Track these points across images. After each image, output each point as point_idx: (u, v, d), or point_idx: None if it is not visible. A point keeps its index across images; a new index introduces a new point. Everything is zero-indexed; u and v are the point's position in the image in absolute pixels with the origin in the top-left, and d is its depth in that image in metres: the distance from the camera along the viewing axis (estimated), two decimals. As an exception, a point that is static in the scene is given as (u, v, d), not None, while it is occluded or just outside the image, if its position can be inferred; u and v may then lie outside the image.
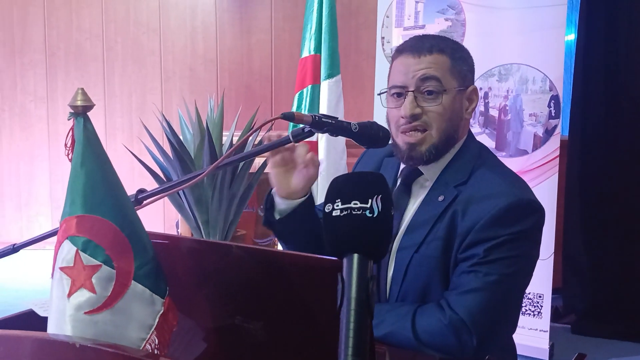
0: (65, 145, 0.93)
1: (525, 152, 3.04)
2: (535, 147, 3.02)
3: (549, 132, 2.99)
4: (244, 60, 4.93)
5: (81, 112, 0.90)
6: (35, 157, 4.92)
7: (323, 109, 3.15)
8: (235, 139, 3.38)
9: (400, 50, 1.37)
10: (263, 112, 3.74)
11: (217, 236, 3.22)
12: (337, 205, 0.81)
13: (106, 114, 4.86)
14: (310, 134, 1.16)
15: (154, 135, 3.37)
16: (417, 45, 1.35)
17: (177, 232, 3.93)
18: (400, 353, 1.21)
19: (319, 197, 3.10)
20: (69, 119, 0.90)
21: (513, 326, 1.34)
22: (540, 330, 2.96)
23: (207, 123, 3.20)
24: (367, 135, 1.21)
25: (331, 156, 3.14)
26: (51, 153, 4.88)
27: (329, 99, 3.15)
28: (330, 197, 0.82)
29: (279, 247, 3.32)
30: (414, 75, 1.32)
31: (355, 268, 0.79)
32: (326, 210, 0.82)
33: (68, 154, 0.93)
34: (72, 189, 0.91)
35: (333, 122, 1.16)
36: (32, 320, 1.12)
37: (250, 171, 3.25)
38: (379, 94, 1.41)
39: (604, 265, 3.41)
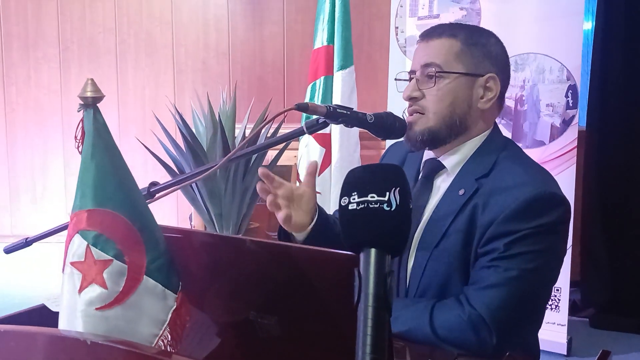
0: (75, 137, 0.91)
1: (542, 143, 2.99)
2: (553, 138, 2.97)
3: (566, 123, 2.94)
4: (256, 53, 4.90)
5: (91, 104, 0.88)
6: (50, 150, 4.94)
7: (336, 101, 3.11)
8: (248, 132, 3.36)
9: (419, 37, 1.37)
10: (276, 104, 3.70)
11: (231, 229, 3.21)
12: (354, 199, 0.78)
13: (119, 107, 4.87)
14: (325, 125, 1.14)
15: (167, 128, 3.36)
16: (430, 32, 1.35)
17: (191, 225, 3.93)
18: (418, 348, 1.19)
19: (333, 190, 3.09)
20: (78, 111, 0.89)
21: (537, 323, 1.30)
22: (558, 324, 2.92)
23: (219, 115, 3.18)
24: (383, 126, 1.19)
25: (344, 149, 3.11)
26: (65, 146, 4.90)
27: (342, 90, 3.11)
28: (346, 190, 0.80)
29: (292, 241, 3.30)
30: (420, 61, 1.33)
31: (373, 263, 0.76)
32: (342, 204, 0.79)
33: (78, 147, 0.91)
34: (82, 182, 0.89)
35: (348, 112, 1.14)
36: (44, 316, 1.11)
37: (263, 164, 3.23)
38: (395, 79, 1.40)
39: (623, 258, 3.35)
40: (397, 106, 3.35)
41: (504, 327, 1.18)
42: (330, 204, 3.08)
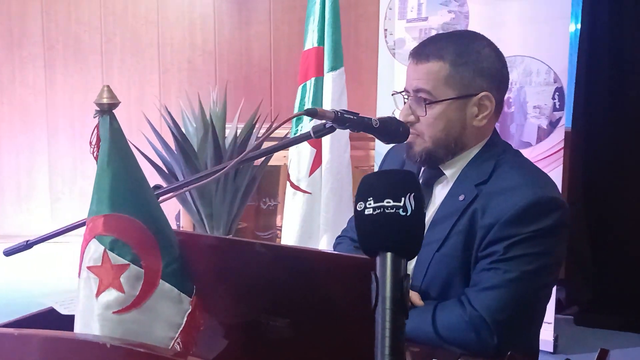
0: (90, 142, 0.92)
1: (529, 145, 3.03)
2: (539, 140, 3.02)
3: (553, 125, 2.99)
4: (243, 52, 4.90)
5: (107, 110, 0.89)
6: (35, 150, 4.88)
7: (327, 102, 3.13)
8: (239, 132, 3.37)
9: (410, 55, 1.37)
10: (262, 104, 3.73)
11: (221, 230, 3.22)
12: (370, 204, 0.80)
13: (105, 107, 4.84)
14: (332, 129, 1.16)
15: (153, 128, 3.36)
16: (419, 51, 1.35)
17: (177, 225, 3.92)
18: (421, 348, 1.21)
19: (324, 191, 3.11)
20: (94, 117, 0.89)
21: (538, 323, 1.34)
22: (544, 322, 2.95)
23: (210, 116, 3.19)
24: (388, 131, 1.21)
25: (335, 149, 3.12)
26: (50, 146, 4.85)
27: (332, 92, 3.12)
28: (362, 195, 0.81)
29: (281, 241, 3.32)
30: (411, 84, 1.34)
31: (389, 267, 0.79)
32: (358, 209, 0.81)
33: (93, 152, 0.92)
34: (98, 188, 0.90)
35: (355, 118, 1.16)
36: (53, 319, 1.11)
37: (254, 164, 3.24)
38: (393, 94, 1.41)
39: (606, 258, 3.42)
40: (386, 107, 3.38)
41: (504, 328, 1.21)
42: (321, 205, 3.10)
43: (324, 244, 3.05)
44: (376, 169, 3.27)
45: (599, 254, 3.44)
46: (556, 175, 2.96)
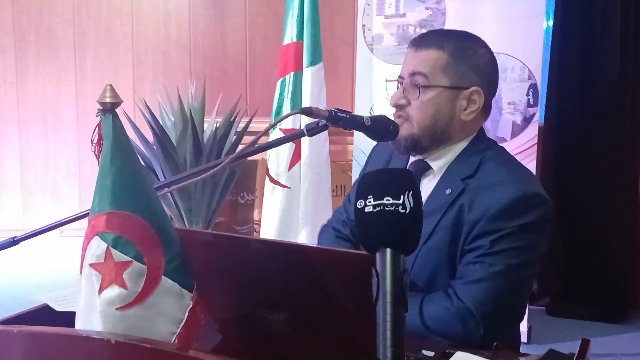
0: (92, 141, 0.93)
1: (503, 140, 3.10)
2: (514, 135, 3.08)
3: (527, 120, 3.06)
4: (218, 45, 4.88)
5: (110, 109, 0.90)
6: (6, 143, 4.79)
7: (306, 96, 3.15)
8: (217, 126, 3.37)
9: (410, 43, 1.42)
10: (238, 96, 3.73)
11: (200, 224, 3.22)
12: (370, 202, 0.83)
13: (78, 100, 4.77)
14: (325, 128, 1.18)
15: (132, 122, 3.33)
16: (419, 40, 1.40)
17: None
18: (408, 340, 1.24)
19: (303, 185, 3.13)
20: (97, 116, 0.90)
21: (520, 314, 1.39)
22: (519, 313, 3.05)
23: (190, 110, 3.18)
24: (378, 129, 1.24)
25: (314, 144, 3.15)
26: (22, 140, 4.76)
27: (311, 86, 3.14)
28: (362, 193, 0.84)
29: (260, 235, 3.33)
30: (408, 69, 1.38)
31: (389, 262, 0.82)
32: (358, 206, 0.84)
33: (94, 150, 0.93)
34: (101, 187, 0.91)
35: (347, 116, 1.19)
36: (48, 315, 1.12)
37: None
38: (386, 81, 1.45)
39: (577, 250, 3.52)
40: (364, 102, 3.42)
41: (490, 319, 1.25)
42: (300, 199, 3.13)
43: (303, 237, 3.08)
44: (354, 163, 3.31)
45: (569, 246, 3.54)
46: (530, 169, 3.04)
